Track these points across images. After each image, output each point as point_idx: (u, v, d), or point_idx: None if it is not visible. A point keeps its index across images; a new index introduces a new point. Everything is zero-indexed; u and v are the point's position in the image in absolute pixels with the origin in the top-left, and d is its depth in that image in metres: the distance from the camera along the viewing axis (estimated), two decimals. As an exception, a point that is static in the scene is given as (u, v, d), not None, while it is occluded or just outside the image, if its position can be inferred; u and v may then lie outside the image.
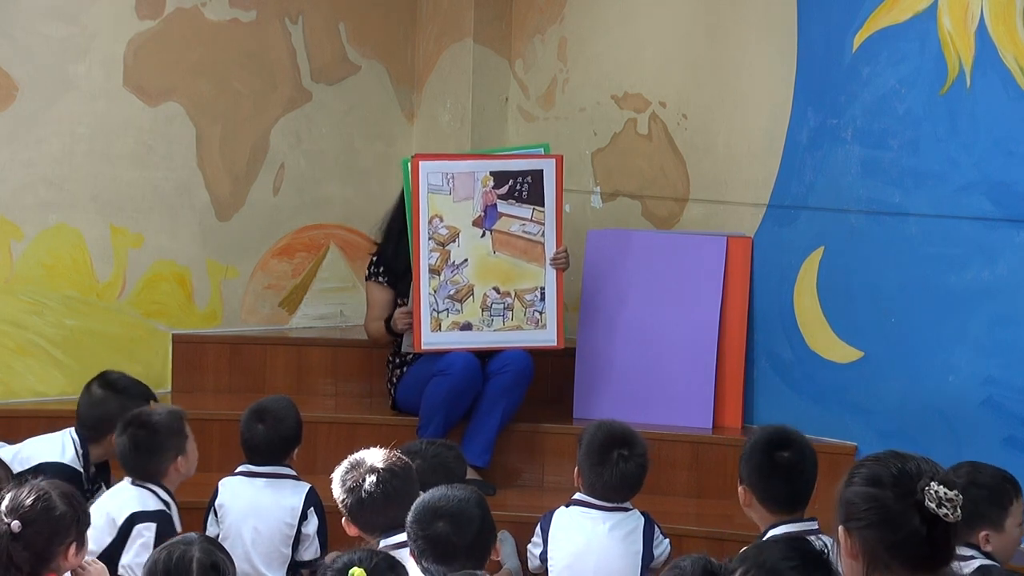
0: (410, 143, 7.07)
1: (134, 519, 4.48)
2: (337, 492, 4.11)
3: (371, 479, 4.05)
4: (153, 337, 6.42)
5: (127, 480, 4.66)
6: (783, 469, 4.21)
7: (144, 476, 4.61)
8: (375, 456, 4.13)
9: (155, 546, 4.35)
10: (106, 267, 6.31)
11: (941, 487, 2.70)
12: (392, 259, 5.99)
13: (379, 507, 4.01)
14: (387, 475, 4.06)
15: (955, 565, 2.85)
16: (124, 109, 6.31)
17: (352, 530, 4.10)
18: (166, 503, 4.57)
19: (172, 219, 6.48)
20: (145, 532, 4.47)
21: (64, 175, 6.20)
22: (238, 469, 4.91)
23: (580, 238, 6.26)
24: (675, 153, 6.34)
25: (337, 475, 4.13)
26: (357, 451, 5.88)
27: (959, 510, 2.71)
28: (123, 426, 4.64)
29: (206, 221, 6.57)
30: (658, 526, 4.64)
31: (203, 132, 6.52)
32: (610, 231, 6.25)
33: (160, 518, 4.50)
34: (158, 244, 6.44)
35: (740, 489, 4.28)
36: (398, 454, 4.22)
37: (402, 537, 3.73)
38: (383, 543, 3.96)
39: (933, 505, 2.69)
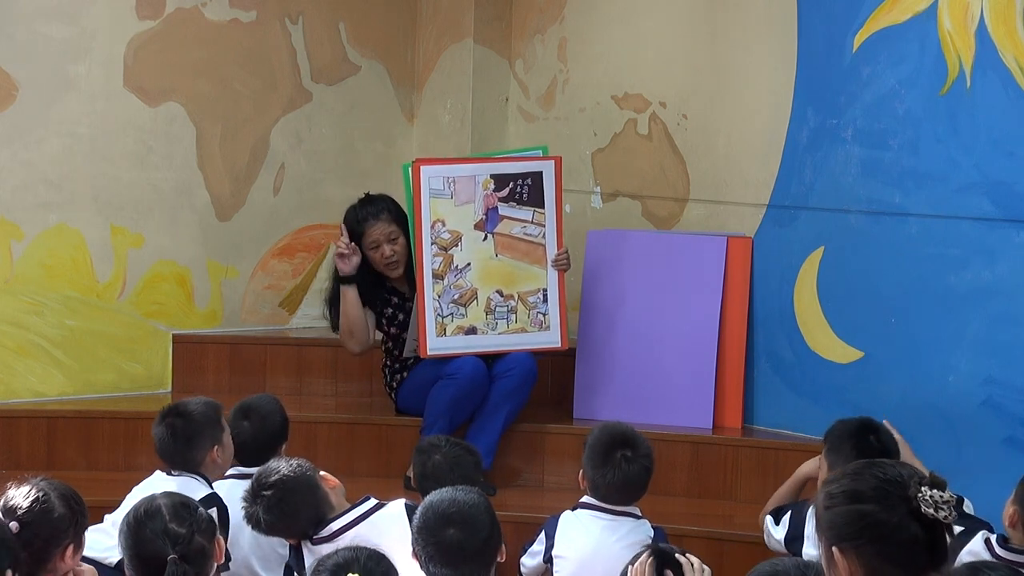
0: (410, 143, 7.07)
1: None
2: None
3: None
4: (153, 337, 6.43)
5: (160, 473, 4.69)
6: (877, 452, 4.34)
7: (182, 466, 4.66)
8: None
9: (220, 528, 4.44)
10: (106, 267, 6.31)
11: (934, 491, 2.68)
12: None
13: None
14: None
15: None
16: (124, 109, 6.31)
17: None
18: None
19: (172, 219, 6.48)
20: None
21: (64, 175, 6.21)
22: (228, 472, 4.89)
23: (580, 238, 6.26)
24: (675, 153, 6.33)
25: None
26: (357, 451, 5.91)
27: (954, 510, 2.70)
28: (161, 417, 4.71)
29: (206, 221, 6.57)
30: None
31: (203, 132, 6.52)
32: (610, 231, 6.24)
33: (215, 500, 4.48)
34: (158, 244, 6.44)
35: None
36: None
37: None
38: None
39: (931, 511, 2.68)
